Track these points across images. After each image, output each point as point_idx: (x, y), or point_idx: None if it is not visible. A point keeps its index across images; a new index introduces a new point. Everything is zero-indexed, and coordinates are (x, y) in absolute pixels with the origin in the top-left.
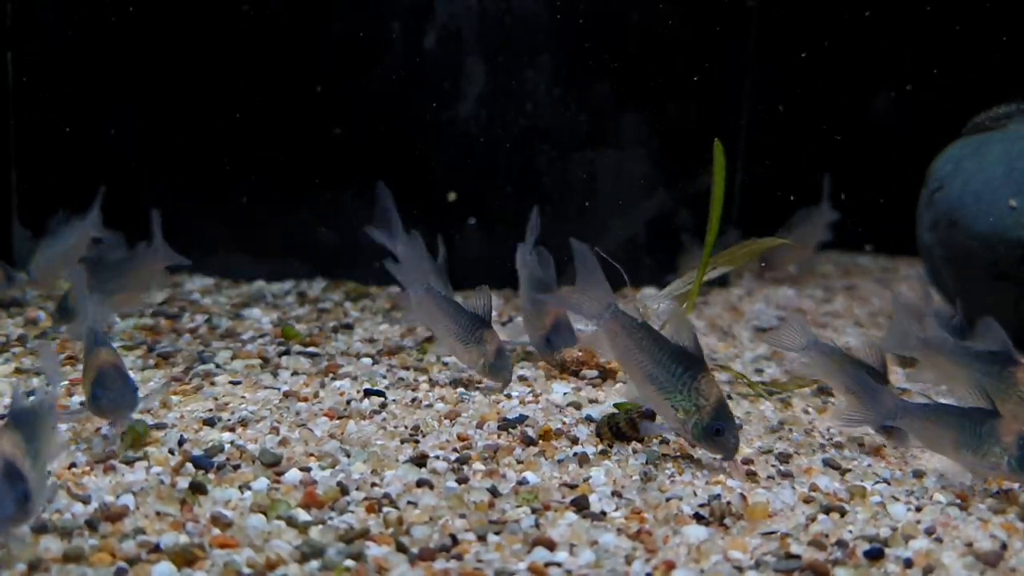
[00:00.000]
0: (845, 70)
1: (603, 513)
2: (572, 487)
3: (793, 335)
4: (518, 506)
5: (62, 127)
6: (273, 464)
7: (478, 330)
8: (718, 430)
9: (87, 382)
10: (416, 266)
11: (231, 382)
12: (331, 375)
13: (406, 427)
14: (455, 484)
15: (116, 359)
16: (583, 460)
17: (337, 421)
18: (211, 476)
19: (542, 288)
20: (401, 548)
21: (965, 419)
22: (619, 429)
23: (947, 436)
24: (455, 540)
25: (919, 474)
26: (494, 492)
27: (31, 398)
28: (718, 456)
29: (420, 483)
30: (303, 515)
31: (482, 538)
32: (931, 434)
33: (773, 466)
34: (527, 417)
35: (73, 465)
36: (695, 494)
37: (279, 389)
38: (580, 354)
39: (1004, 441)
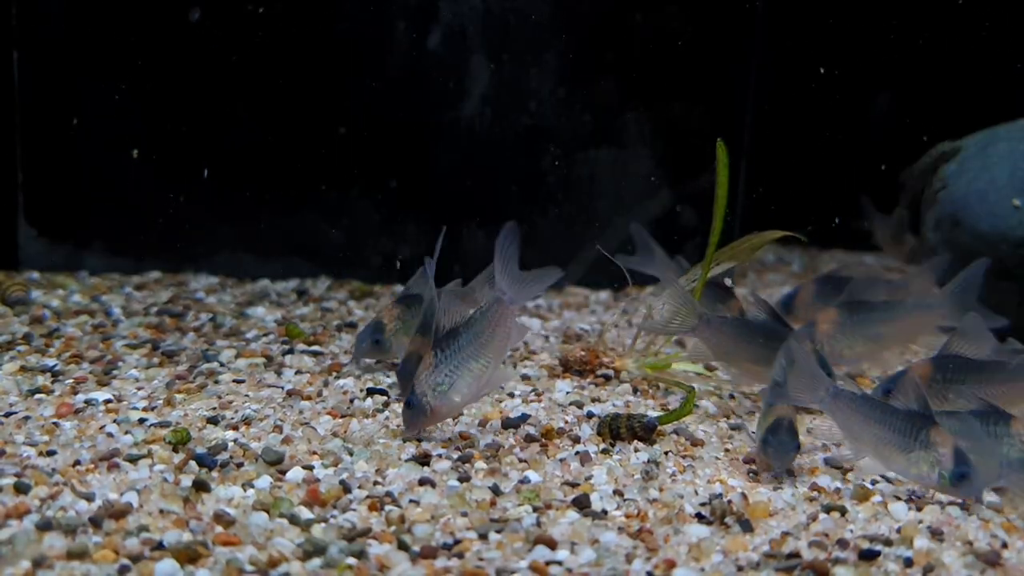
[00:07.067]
0: (850, 69)
1: (604, 512)
2: (574, 486)
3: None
4: (520, 505)
5: (68, 125)
6: (276, 462)
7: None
8: (963, 475)
9: None
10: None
11: (235, 380)
12: (334, 374)
13: None
14: (457, 483)
15: None
16: (585, 459)
17: (340, 420)
18: (214, 474)
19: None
20: (403, 546)
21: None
22: (619, 434)
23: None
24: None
25: None
26: (496, 491)
27: None
28: (964, 497)
29: (422, 481)
30: (305, 513)
31: (483, 536)
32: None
33: None
34: (529, 416)
35: (77, 463)
36: (696, 493)
37: (282, 388)
38: (583, 354)
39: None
